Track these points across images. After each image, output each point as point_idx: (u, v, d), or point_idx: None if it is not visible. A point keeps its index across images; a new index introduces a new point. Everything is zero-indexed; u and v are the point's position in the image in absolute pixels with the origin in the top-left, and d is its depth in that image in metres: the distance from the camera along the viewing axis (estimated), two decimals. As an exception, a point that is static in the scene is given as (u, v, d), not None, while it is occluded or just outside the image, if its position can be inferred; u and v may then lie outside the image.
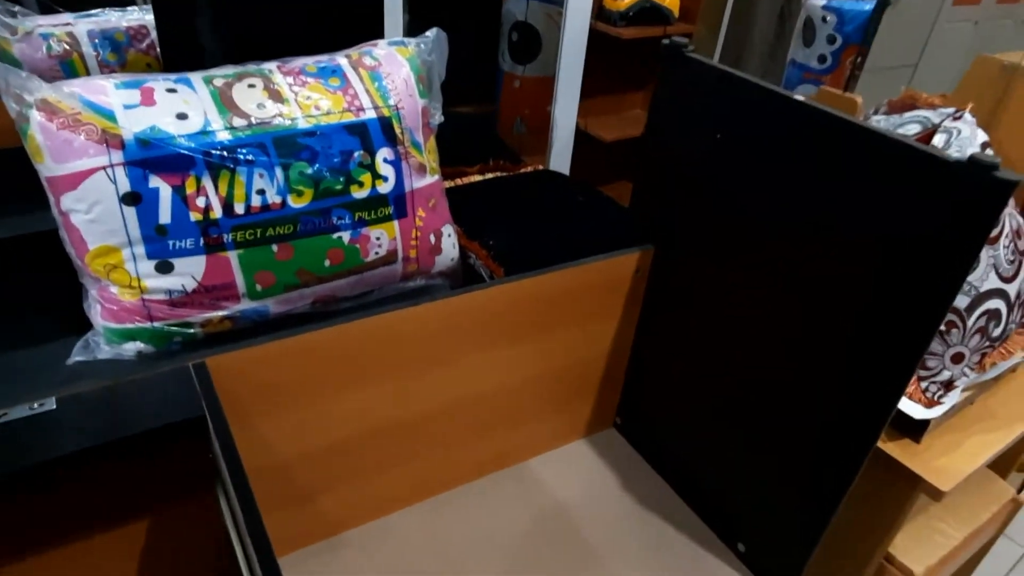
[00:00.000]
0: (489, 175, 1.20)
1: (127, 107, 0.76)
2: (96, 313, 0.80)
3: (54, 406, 0.60)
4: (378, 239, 0.90)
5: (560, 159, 1.25)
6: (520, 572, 0.88)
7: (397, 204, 0.90)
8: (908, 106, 1.16)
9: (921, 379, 0.93)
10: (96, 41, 1.03)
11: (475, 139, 1.37)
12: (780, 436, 0.83)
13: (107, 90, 0.76)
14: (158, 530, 0.73)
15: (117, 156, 0.75)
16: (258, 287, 0.83)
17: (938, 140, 0.99)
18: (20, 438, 0.57)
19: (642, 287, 0.95)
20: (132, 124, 0.75)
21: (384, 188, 0.89)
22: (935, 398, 0.92)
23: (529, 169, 1.22)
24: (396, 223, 0.91)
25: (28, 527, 0.64)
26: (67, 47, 1.02)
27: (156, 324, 0.80)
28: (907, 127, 1.06)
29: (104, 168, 0.74)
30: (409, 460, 0.90)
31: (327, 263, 0.86)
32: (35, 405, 0.60)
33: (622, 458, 1.05)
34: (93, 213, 0.75)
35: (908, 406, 0.90)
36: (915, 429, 0.91)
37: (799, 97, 0.74)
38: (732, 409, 0.89)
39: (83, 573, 0.70)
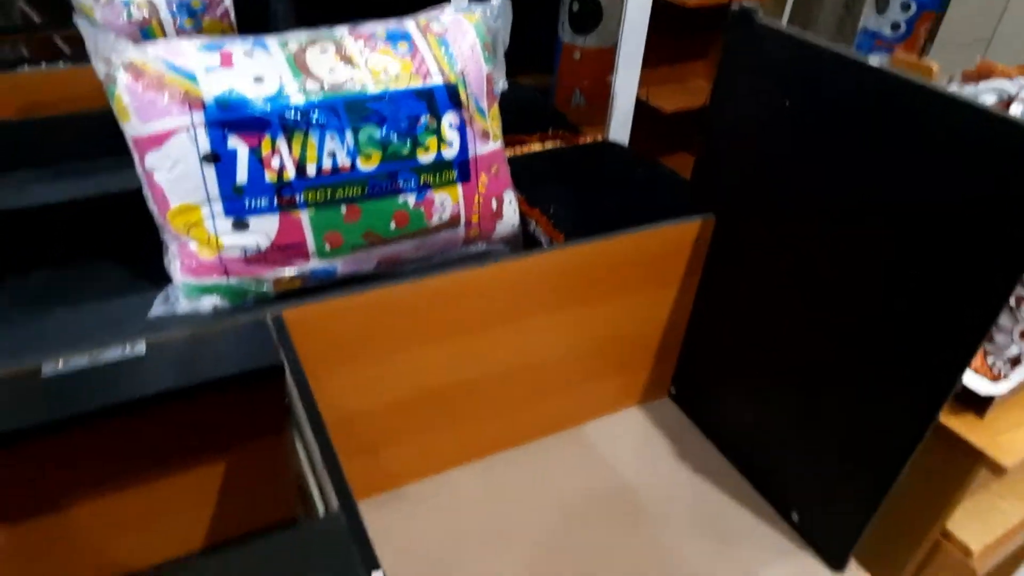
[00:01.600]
0: (548, 145, 1.20)
1: (208, 69, 0.79)
2: (176, 268, 0.84)
3: (143, 351, 0.64)
4: (442, 203, 0.92)
5: (620, 130, 1.25)
6: (573, 531, 0.90)
7: (461, 169, 0.92)
8: (984, 76, 1.12)
9: (988, 354, 0.91)
10: (173, 8, 1.07)
11: (533, 110, 1.37)
12: (839, 407, 0.83)
13: (189, 53, 0.79)
14: (230, 473, 0.77)
15: (198, 117, 0.78)
16: (327, 247, 0.86)
17: (1015, 110, 0.96)
18: (112, 378, 0.61)
19: (701, 256, 0.95)
20: (212, 86, 0.78)
21: (449, 153, 0.90)
22: (1001, 373, 0.90)
23: (589, 140, 1.22)
24: (460, 187, 0.92)
25: (113, 463, 0.69)
26: (146, 14, 1.06)
27: (232, 280, 0.84)
28: (983, 97, 1.02)
29: (186, 128, 0.78)
30: (468, 419, 0.92)
31: (392, 225, 0.89)
32: (127, 349, 0.64)
33: (675, 427, 1.06)
34: (175, 172, 0.78)
35: (973, 380, 0.88)
36: (979, 404, 0.89)
37: (874, 62, 0.72)
38: (790, 380, 0.89)
39: (160, 510, 0.75)
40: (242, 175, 0.80)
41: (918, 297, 0.71)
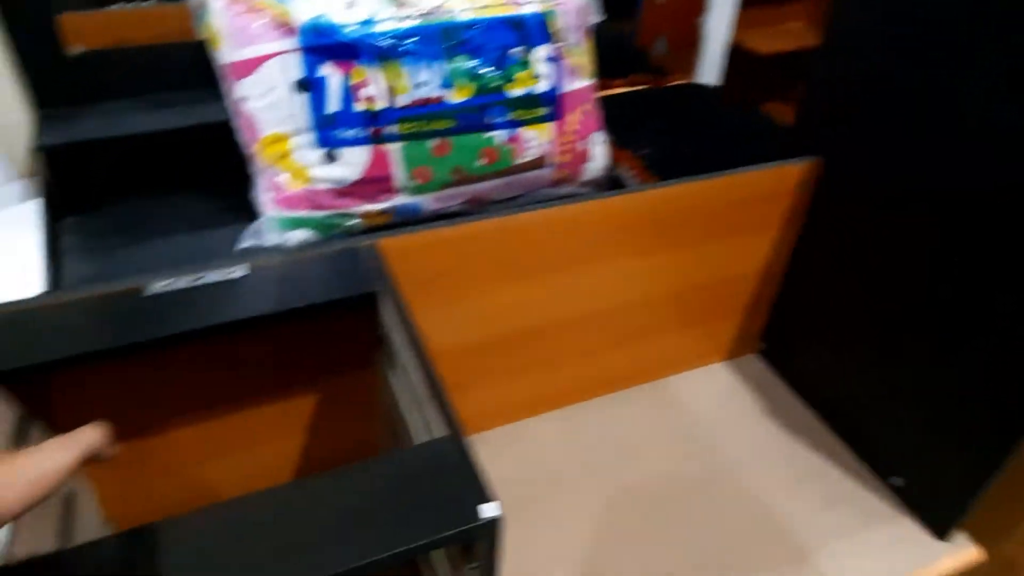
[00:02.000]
0: (635, 88, 1.15)
1: (301, -6, 0.77)
2: (265, 201, 0.83)
3: (246, 272, 0.63)
4: (530, 141, 0.88)
5: (709, 73, 1.18)
6: (657, 483, 0.87)
7: (551, 105, 0.88)
8: None
9: None
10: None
11: (616, 53, 1.31)
12: (953, 371, 0.77)
13: (282, -23, 0.77)
14: (319, 407, 0.77)
15: (290, 43, 0.76)
16: (415, 182, 0.84)
17: None
18: (213, 299, 0.61)
19: (804, 203, 0.89)
20: (305, 12, 0.76)
21: (540, 88, 0.87)
22: None
23: (678, 83, 1.16)
24: (549, 125, 0.89)
25: (209, 386, 0.69)
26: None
27: (320, 213, 0.83)
28: None
29: (278, 54, 0.76)
30: (550, 365, 0.90)
31: (481, 162, 0.86)
32: (227, 272, 0.63)
33: (764, 384, 1.02)
34: (267, 99, 0.77)
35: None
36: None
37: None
38: (898, 341, 0.83)
39: (251, 439, 0.75)
40: (334, 104, 0.78)
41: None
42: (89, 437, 0.42)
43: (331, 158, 0.80)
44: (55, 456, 0.40)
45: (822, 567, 0.79)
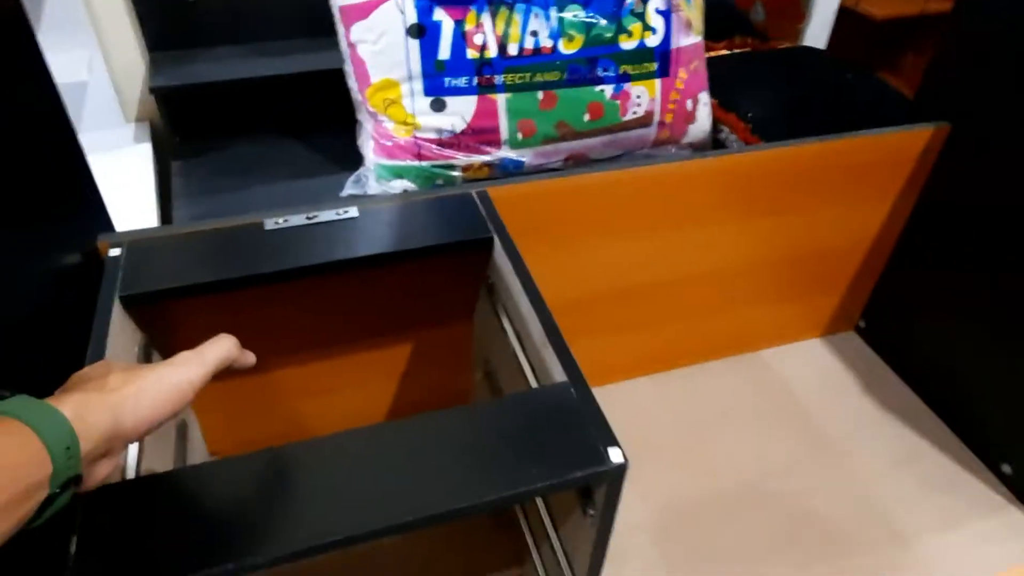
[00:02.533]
0: (739, 50, 1.11)
1: (418, -63, 0.76)
2: (370, 149, 0.83)
3: (356, 214, 0.64)
4: (638, 97, 0.86)
5: (818, 35, 1.13)
6: (755, 453, 0.85)
7: (661, 60, 0.85)
8: None
9: None
10: None
11: (717, 14, 1.26)
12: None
13: (399, -81, 0.77)
14: (416, 352, 0.77)
15: (405, -13, 0.75)
16: (519, 135, 0.83)
17: None
18: (327, 237, 0.61)
19: (926, 171, 0.85)
20: (420, -45, 0.75)
21: (652, 41, 0.84)
22: None
23: (785, 46, 1.11)
24: (658, 82, 0.86)
25: (315, 324, 0.70)
26: None
27: (423, 163, 0.82)
28: None
29: (393, -1, 0.75)
30: (648, 327, 0.88)
31: (586, 117, 0.84)
32: (340, 211, 0.64)
33: (864, 362, 0.98)
34: (380, 44, 0.77)
35: None
36: None
37: None
38: (1012, 322, 0.78)
39: (349, 379, 0.76)
40: (445, 50, 0.77)
41: None
42: (217, 351, 0.42)
43: (439, 107, 0.79)
44: (182, 371, 0.40)
45: (923, 554, 0.76)
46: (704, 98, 0.93)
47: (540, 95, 0.81)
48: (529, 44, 0.78)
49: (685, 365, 0.95)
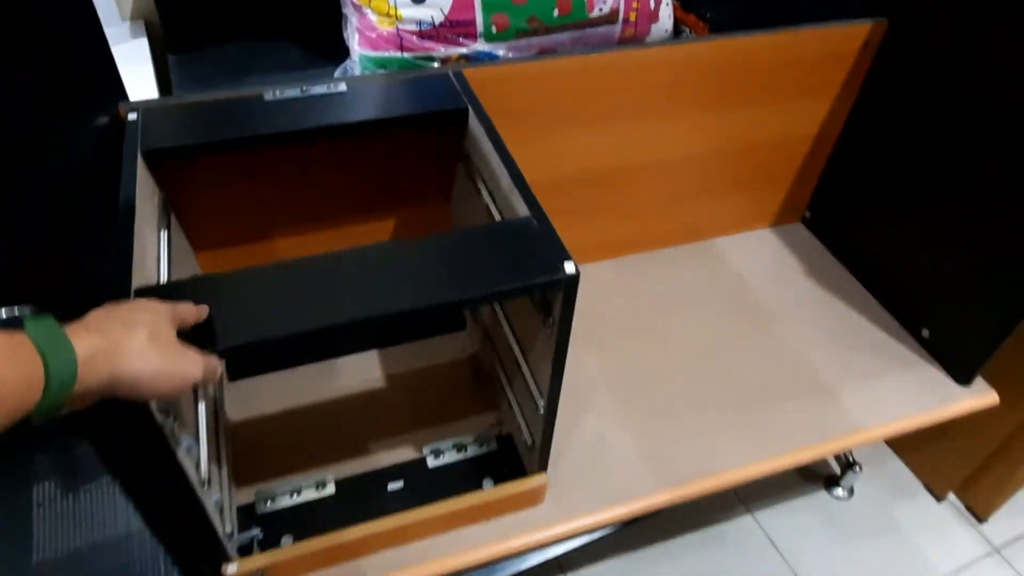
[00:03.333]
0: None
1: None
2: (355, 41, 0.90)
3: (345, 89, 0.71)
4: (604, -5, 0.93)
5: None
6: (703, 328, 0.95)
7: (626, -40, 0.92)
8: None
9: None
10: None
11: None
12: (988, 230, 0.82)
13: None
14: (400, 225, 0.85)
15: None
16: (493, 28, 0.89)
17: None
18: (318, 107, 0.69)
19: (866, 65, 0.93)
20: None
21: (616, -59, 0.90)
22: None
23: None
24: (622, -20, 0.93)
25: (307, 191, 0.77)
26: None
27: (405, 54, 0.89)
28: None
29: None
30: (611, 212, 0.97)
31: (556, 12, 0.91)
32: (331, 86, 0.71)
33: (808, 250, 1.07)
34: (363, -62, 0.83)
35: None
36: None
37: None
38: (942, 203, 0.87)
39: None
40: (424, -57, 0.83)
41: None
42: (214, 366, 0.46)
43: (419, -1, 0.86)
44: (192, 370, 0.44)
45: (846, 403, 0.87)
46: None
47: (512, -10, 0.88)
48: (502, -61, 0.85)
49: (645, 250, 1.05)
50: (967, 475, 1.06)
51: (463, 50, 0.90)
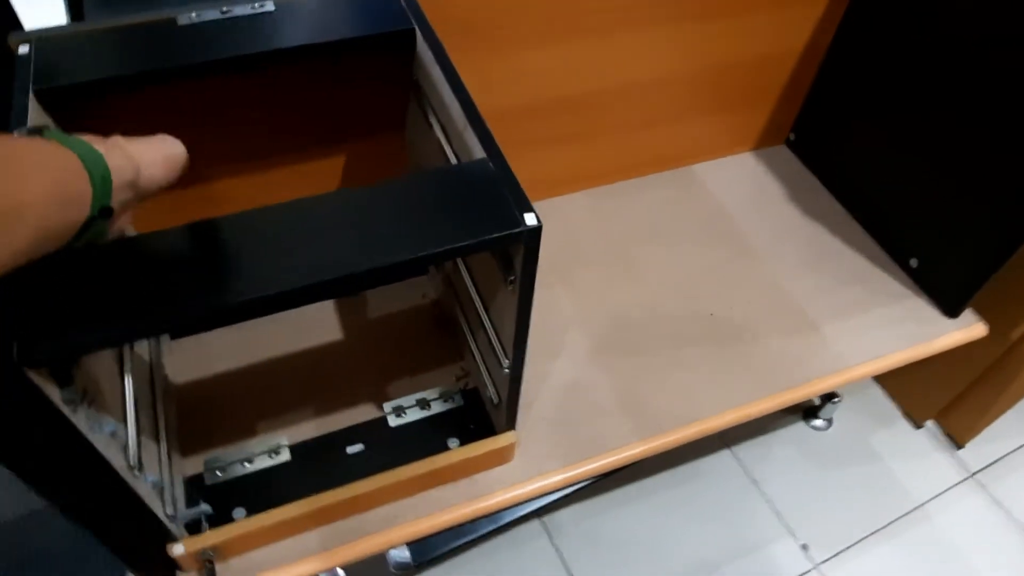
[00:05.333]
0: None
1: None
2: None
3: (272, 8, 0.61)
4: None
5: None
6: (681, 261, 0.89)
7: None
8: None
9: None
10: None
11: None
12: (978, 157, 0.76)
13: None
14: (350, 163, 0.77)
15: None
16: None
17: None
18: (242, 31, 0.59)
19: (858, -29, 0.84)
20: None
21: None
22: None
23: None
24: None
25: (242, 128, 0.69)
26: None
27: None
28: None
29: None
30: (582, 140, 0.89)
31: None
32: (256, 5, 0.61)
33: (792, 174, 1.01)
34: None
35: None
36: None
37: None
38: (929, 127, 0.81)
39: (282, 194, 0.76)
40: None
41: None
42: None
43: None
44: (179, 146, 0.45)
45: (830, 337, 0.83)
46: None
47: None
48: None
49: (620, 180, 0.98)
50: (947, 402, 1.05)
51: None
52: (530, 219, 0.48)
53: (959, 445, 1.08)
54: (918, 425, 1.10)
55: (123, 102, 0.61)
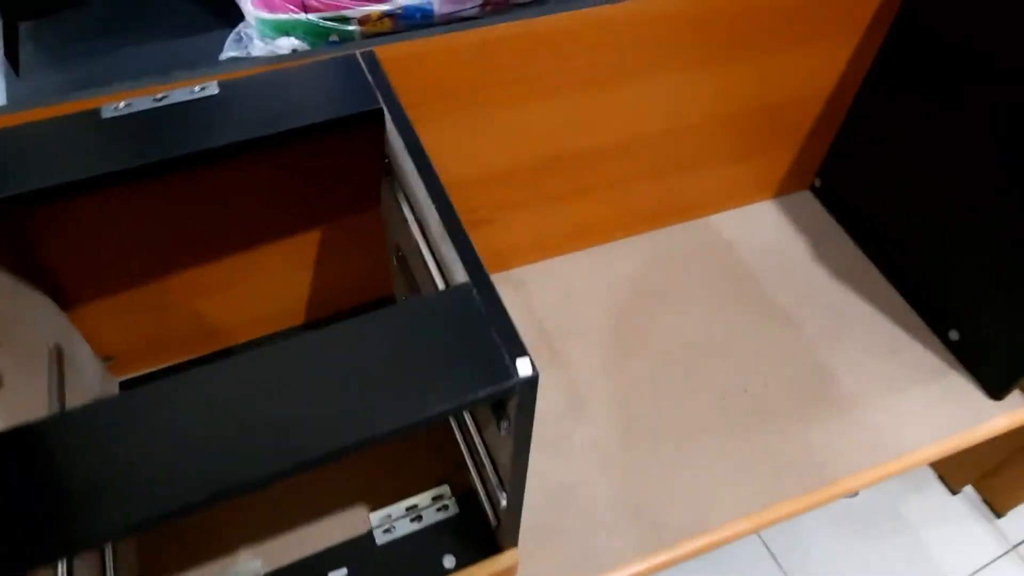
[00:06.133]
0: None
1: None
2: (247, 0, 0.70)
3: (216, 91, 0.53)
4: (565, -76, 0.72)
5: None
6: (697, 326, 0.80)
7: None
8: None
9: None
10: None
11: None
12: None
13: None
14: (324, 244, 0.69)
15: None
16: (423, -23, 0.70)
17: None
18: (181, 123, 0.51)
19: (895, 5, 0.74)
20: None
21: None
22: None
23: None
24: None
25: (198, 220, 0.61)
26: None
27: (311, 16, 0.70)
28: None
29: None
30: (584, 197, 0.80)
31: (503, -49, 0.71)
32: (196, 89, 0.53)
33: (817, 225, 0.91)
34: None
35: None
36: None
37: None
38: (973, 179, 0.71)
39: (253, 272, 0.69)
40: None
41: None
42: None
43: (319, -56, 0.65)
44: None
45: (866, 419, 0.74)
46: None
47: (444, -76, 0.67)
48: None
49: (624, 236, 0.89)
50: (987, 468, 0.96)
51: (385, 7, 0.70)
52: (524, 368, 0.39)
53: (999, 514, 0.99)
54: (954, 491, 1.01)
55: (60, 208, 0.53)
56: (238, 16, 0.72)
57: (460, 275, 0.44)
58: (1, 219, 0.51)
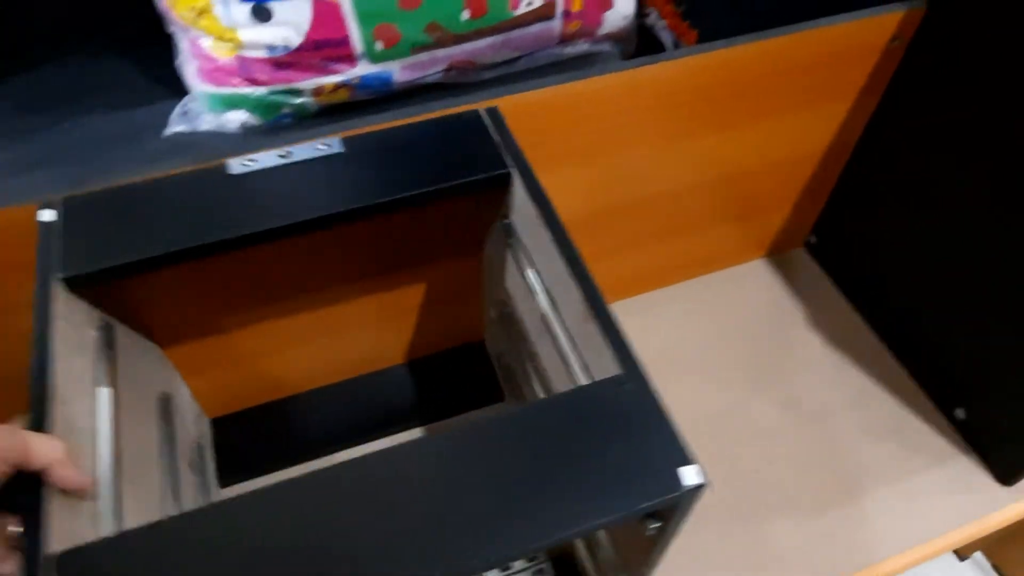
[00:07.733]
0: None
1: None
2: (190, 73, 0.65)
3: (340, 148, 0.49)
4: (533, -16, 0.67)
5: None
6: (675, 402, 0.75)
7: (561, -68, 0.66)
8: None
9: None
10: None
11: None
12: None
13: None
14: (421, 290, 0.66)
15: None
16: (378, 45, 0.65)
17: None
18: (306, 181, 0.48)
19: (894, 64, 0.68)
20: None
21: (545, -94, 0.64)
22: None
23: None
24: (558, -39, 0.67)
25: (299, 277, 0.59)
26: None
27: (259, 89, 0.65)
28: None
29: None
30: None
31: (465, 15, 0.66)
32: (320, 146, 0.49)
33: (812, 285, 0.86)
34: (168, -67, 0.57)
35: None
36: None
37: None
38: (988, 247, 0.65)
39: (348, 325, 0.66)
40: (256, -61, 0.57)
41: None
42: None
43: (262, 16, 0.60)
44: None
45: (868, 508, 0.68)
46: (624, -25, 0.73)
47: (398, -9, 0.62)
48: (373, -78, 0.59)
49: (614, 300, 0.83)
50: (998, 535, 0.90)
51: (339, 78, 0.65)
52: (690, 477, 0.35)
53: (1011, 584, 0.93)
54: (962, 556, 0.96)
55: (175, 270, 0.49)
56: (183, 89, 0.67)
57: (607, 361, 0.41)
58: (131, 279, 0.47)
